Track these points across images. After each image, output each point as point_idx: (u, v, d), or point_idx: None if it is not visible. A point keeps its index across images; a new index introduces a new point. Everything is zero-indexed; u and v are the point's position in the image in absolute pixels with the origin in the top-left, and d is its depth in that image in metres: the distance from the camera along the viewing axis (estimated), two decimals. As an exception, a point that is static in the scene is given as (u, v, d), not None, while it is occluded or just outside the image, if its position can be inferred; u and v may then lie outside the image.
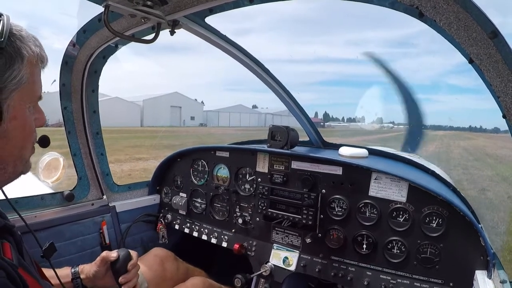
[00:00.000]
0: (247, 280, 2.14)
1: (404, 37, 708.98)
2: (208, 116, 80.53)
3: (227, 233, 2.46)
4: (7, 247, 1.04)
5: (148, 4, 1.46)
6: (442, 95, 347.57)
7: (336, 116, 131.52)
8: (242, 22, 78.19)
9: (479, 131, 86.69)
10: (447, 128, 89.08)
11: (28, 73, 1.03)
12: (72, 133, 2.22)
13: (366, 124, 32.79)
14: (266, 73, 2.24)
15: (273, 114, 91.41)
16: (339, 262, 2.01)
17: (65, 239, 2.14)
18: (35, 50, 1.05)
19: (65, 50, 1.97)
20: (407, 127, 15.71)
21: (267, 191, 2.16)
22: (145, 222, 2.71)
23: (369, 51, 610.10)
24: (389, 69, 8.48)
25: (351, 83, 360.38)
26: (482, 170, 16.83)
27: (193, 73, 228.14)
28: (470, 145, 37.49)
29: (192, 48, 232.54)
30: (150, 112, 62.97)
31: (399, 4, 1.21)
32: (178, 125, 67.27)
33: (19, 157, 1.11)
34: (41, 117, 1.18)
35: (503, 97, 1.16)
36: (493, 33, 1.07)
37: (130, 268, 1.66)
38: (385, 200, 1.89)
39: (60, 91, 2.09)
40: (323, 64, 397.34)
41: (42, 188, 3.00)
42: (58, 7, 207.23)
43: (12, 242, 1.10)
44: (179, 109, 71.19)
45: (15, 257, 1.03)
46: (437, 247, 1.74)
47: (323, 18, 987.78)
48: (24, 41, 1.03)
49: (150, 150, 17.25)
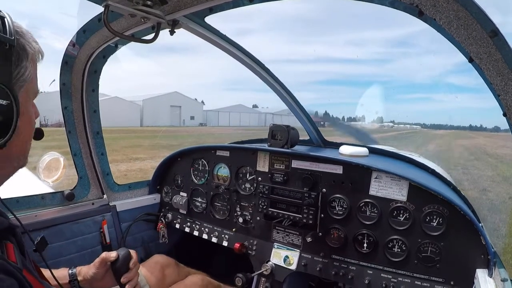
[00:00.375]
0: (248, 279, 2.14)
1: (404, 36, 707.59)
2: (208, 116, 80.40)
3: (228, 232, 2.46)
4: (10, 248, 1.03)
5: (147, 4, 1.46)
6: (443, 94, 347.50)
7: (336, 116, 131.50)
8: (240, 22, 78.07)
9: (479, 130, 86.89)
10: (447, 127, 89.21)
11: (32, 69, 1.06)
12: (72, 133, 2.22)
13: (366, 123, 32.98)
14: (266, 72, 2.23)
15: (273, 113, 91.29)
16: (339, 261, 2.01)
17: (65, 239, 2.14)
18: (35, 47, 1.07)
19: (65, 50, 1.97)
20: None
21: (267, 190, 2.16)
22: (145, 222, 2.72)
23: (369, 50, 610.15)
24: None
25: (351, 82, 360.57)
26: (482, 170, 16.69)
27: (193, 73, 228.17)
28: (470, 144, 37.34)
29: (192, 48, 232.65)
30: (150, 112, 62.97)
31: (399, 3, 1.21)
32: (178, 124, 67.19)
33: (25, 151, 1.14)
34: (36, 111, 1.20)
35: (503, 95, 1.17)
36: (493, 32, 1.07)
37: (132, 267, 1.65)
38: (385, 199, 1.89)
39: (61, 91, 2.09)
40: (322, 63, 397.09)
41: (43, 188, 3.00)
42: (58, 7, 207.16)
43: (14, 243, 1.08)
44: (178, 109, 71.11)
45: (18, 259, 1.02)
46: (437, 246, 1.74)
47: (323, 18, 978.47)
48: (25, 37, 1.04)
49: (148, 150, 17.21)
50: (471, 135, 56.99)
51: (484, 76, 1.17)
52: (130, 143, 21.61)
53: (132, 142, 21.18)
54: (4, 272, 0.89)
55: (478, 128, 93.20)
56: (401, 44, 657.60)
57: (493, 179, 13.96)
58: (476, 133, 70.18)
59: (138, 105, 62.41)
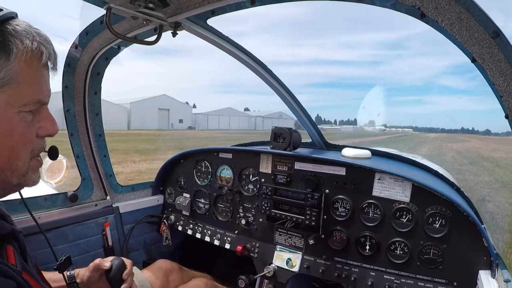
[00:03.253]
0: (250, 281, 2.13)
1: (397, 39, 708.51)
2: (197, 119, 79.33)
3: (230, 234, 2.46)
4: (10, 251, 0.99)
5: (149, 7, 1.46)
6: (435, 96, 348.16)
7: (328, 119, 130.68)
8: (233, 25, 77.79)
9: (471, 133, 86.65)
10: (439, 130, 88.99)
11: (16, 71, 0.90)
12: (74, 135, 2.22)
13: (358, 127, 32.60)
14: (269, 74, 2.23)
15: (263, 117, 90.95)
16: (342, 263, 2.00)
17: (68, 241, 2.15)
18: (28, 45, 0.91)
19: (67, 52, 1.98)
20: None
21: (270, 191, 2.16)
22: (148, 223, 2.72)
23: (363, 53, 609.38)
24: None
25: (344, 85, 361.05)
26: (479, 175, 15.52)
27: (185, 76, 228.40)
28: (463, 147, 36.46)
29: (184, 51, 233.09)
30: (138, 115, 62.24)
31: (400, 5, 1.20)
32: (166, 128, 66.35)
33: (8, 167, 0.97)
34: (47, 125, 1.04)
35: (506, 96, 1.16)
36: (495, 33, 1.07)
37: (125, 277, 1.61)
38: (388, 200, 1.88)
39: (63, 93, 2.10)
40: (316, 66, 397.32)
41: (46, 189, 3.02)
42: (61, 10, 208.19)
43: (16, 247, 1.06)
44: (167, 112, 70.31)
45: (18, 262, 1.00)
46: (440, 248, 1.73)
47: (316, 21, 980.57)
48: (15, 35, 0.90)
49: (119, 154, 16.73)
50: (463, 138, 56.34)
51: (487, 76, 1.17)
52: (108, 147, 21.05)
53: (109, 146, 21.67)
54: (2, 275, 0.87)
55: (470, 131, 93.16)
56: (394, 47, 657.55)
57: (491, 186, 12.93)
58: (468, 136, 69.52)
59: (125, 108, 61.37)
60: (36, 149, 1.04)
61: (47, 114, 1.04)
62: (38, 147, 1.05)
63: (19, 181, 1.02)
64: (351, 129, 78.64)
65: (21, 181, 1.03)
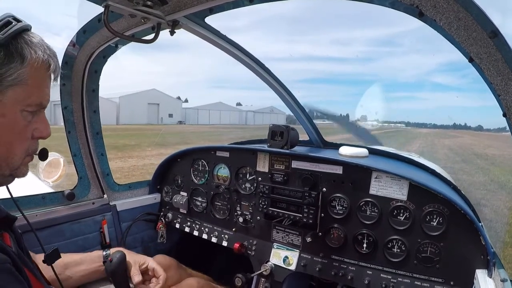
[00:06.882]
0: (247, 279, 2.13)
1: (390, 36, 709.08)
2: (187, 114, 78.45)
3: (228, 232, 2.47)
4: (6, 237, 1.06)
5: (148, 4, 1.45)
6: (427, 93, 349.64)
7: (319, 114, 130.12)
8: (225, 21, 78.44)
9: (463, 129, 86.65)
10: (431, 126, 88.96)
11: (27, 74, 1.04)
12: (72, 133, 2.22)
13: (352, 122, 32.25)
14: (265, 71, 2.24)
15: (254, 111, 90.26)
16: (339, 261, 2.01)
17: (65, 238, 2.14)
18: (40, 55, 1.07)
19: (65, 50, 1.97)
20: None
21: (267, 189, 2.16)
22: (145, 221, 2.72)
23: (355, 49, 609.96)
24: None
25: (337, 81, 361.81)
26: (473, 175, 14.46)
27: (179, 71, 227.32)
28: (455, 143, 35.21)
29: (177, 45, 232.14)
30: (127, 110, 61.08)
31: (399, 4, 1.21)
32: (156, 122, 65.38)
33: (4, 159, 1.09)
34: (42, 128, 1.17)
35: (504, 95, 1.17)
36: (493, 32, 1.07)
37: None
38: (385, 198, 1.89)
39: (61, 91, 2.09)
40: (307, 62, 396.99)
41: (43, 188, 3.01)
42: (59, 7, 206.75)
43: (12, 236, 1.12)
44: (157, 106, 69.37)
45: (14, 248, 1.05)
46: (437, 246, 1.74)
47: (309, 18, 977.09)
48: (31, 45, 1.06)
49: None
50: (455, 134, 55.46)
51: (484, 76, 1.17)
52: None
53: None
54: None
55: (462, 127, 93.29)
56: (387, 43, 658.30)
57: (486, 187, 11.85)
58: (461, 131, 68.59)
59: (114, 103, 60.10)
60: (30, 149, 1.17)
61: (44, 118, 1.17)
62: (33, 148, 1.18)
63: (12, 172, 1.15)
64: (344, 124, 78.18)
65: (13, 173, 1.15)
